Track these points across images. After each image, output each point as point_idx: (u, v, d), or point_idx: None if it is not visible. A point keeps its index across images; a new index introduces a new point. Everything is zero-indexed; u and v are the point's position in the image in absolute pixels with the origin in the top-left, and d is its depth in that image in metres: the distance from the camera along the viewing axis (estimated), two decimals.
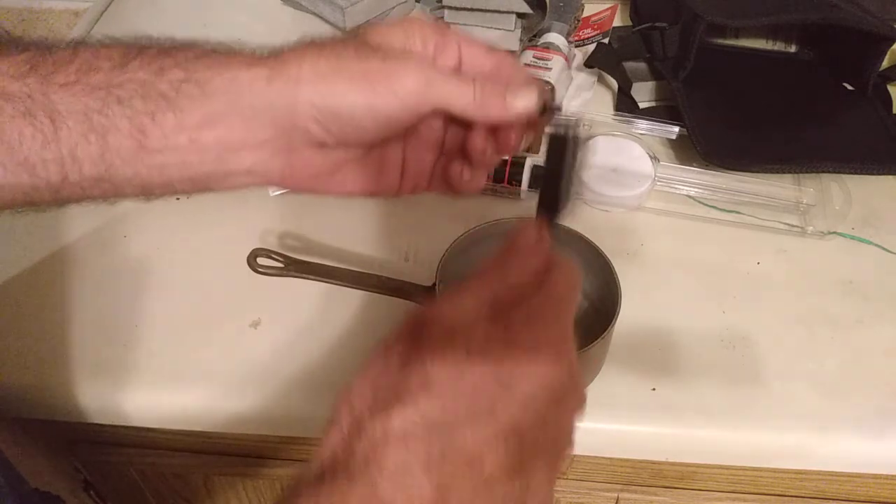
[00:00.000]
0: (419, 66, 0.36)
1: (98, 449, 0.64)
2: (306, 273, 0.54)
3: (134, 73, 0.34)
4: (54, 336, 0.56)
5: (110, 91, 0.33)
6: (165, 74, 0.34)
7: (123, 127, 0.34)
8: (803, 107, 0.75)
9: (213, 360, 0.55)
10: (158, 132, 0.34)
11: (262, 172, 0.37)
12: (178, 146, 0.35)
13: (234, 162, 0.36)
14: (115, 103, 0.33)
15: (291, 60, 0.35)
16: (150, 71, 0.34)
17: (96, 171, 0.34)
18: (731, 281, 0.61)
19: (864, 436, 0.52)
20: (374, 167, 0.40)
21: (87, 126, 0.33)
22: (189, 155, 0.35)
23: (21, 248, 0.62)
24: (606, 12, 0.84)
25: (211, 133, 0.35)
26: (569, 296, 0.33)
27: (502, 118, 0.37)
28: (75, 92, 0.33)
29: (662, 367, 0.54)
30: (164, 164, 0.35)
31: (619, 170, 0.66)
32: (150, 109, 0.34)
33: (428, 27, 0.37)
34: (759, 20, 0.73)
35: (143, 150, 0.34)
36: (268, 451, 0.64)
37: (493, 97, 0.36)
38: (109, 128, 0.33)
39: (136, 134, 0.34)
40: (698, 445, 0.53)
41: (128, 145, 0.34)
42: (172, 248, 0.63)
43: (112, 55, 0.34)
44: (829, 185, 0.68)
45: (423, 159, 0.41)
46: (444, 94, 0.36)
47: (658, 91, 0.77)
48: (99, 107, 0.33)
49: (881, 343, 0.57)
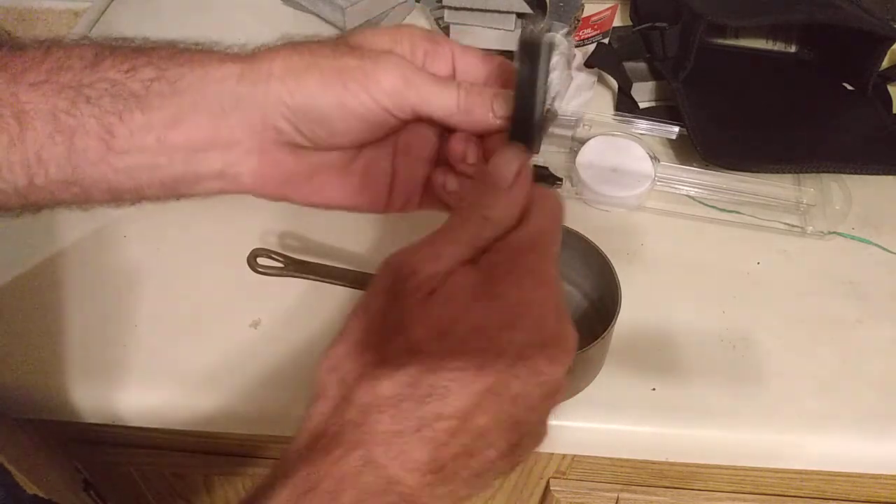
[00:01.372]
0: (398, 64, 0.33)
1: (98, 449, 0.64)
2: (306, 273, 0.54)
3: (105, 72, 0.33)
4: (54, 336, 0.56)
5: (80, 90, 0.33)
6: (137, 73, 0.33)
7: (91, 127, 0.33)
8: (803, 107, 0.74)
9: (213, 360, 0.55)
10: (125, 132, 0.33)
11: (233, 176, 0.36)
12: (145, 146, 0.34)
13: (204, 164, 0.35)
14: (84, 103, 0.32)
15: (265, 58, 0.34)
16: (122, 70, 0.33)
17: (63, 174, 0.33)
18: (731, 281, 0.61)
19: (864, 436, 0.52)
20: (357, 178, 0.38)
21: (54, 126, 0.32)
22: (157, 156, 0.34)
23: (21, 249, 0.62)
24: (606, 12, 0.84)
25: (179, 133, 0.34)
26: (552, 231, 0.31)
27: (488, 127, 0.34)
28: (44, 91, 0.32)
29: (662, 367, 0.54)
30: (132, 166, 0.34)
31: (619, 170, 0.66)
32: (118, 108, 0.33)
33: (419, 33, 0.36)
34: (760, 20, 0.73)
35: (110, 151, 0.33)
36: (268, 451, 0.64)
37: (478, 103, 0.34)
38: (76, 128, 0.33)
39: (104, 134, 0.33)
40: (698, 445, 0.53)
41: (94, 146, 0.33)
42: (172, 248, 0.63)
43: (84, 54, 0.33)
44: (829, 185, 0.68)
45: (414, 174, 0.38)
46: (425, 97, 0.34)
47: (658, 91, 0.77)
48: (67, 107, 0.32)
49: (881, 343, 0.57)
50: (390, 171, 0.38)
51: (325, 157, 0.37)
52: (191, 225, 0.64)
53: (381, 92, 0.33)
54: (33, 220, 0.63)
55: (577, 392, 0.52)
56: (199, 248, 0.62)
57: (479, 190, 0.31)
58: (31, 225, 0.64)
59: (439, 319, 0.28)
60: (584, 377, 0.52)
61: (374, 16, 0.85)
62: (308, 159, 0.36)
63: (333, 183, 0.38)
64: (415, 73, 0.34)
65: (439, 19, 0.83)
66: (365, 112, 0.33)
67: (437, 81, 0.34)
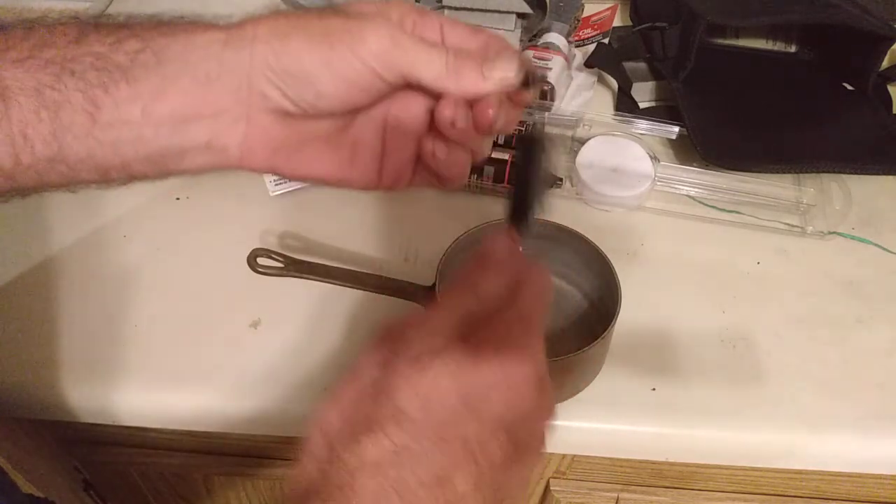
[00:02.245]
0: (385, 26, 0.33)
1: (98, 449, 0.64)
2: (306, 273, 0.54)
3: (90, 46, 0.33)
4: (54, 336, 0.56)
5: (64, 65, 0.32)
6: (122, 45, 0.33)
7: (76, 101, 0.32)
8: (803, 107, 0.75)
9: (213, 361, 0.55)
10: (111, 103, 0.33)
11: (220, 148, 0.35)
12: (130, 118, 0.33)
13: (190, 135, 0.35)
14: (69, 76, 0.32)
15: (249, 23, 0.34)
16: (107, 43, 0.33)
17: (49, 150, 0.33)
18: (731, 281, 0.61)
19: (864, 436, 0.52)
20: (346, 150, 0.37)
21: (39, 102, 0.32)
22: (143, 128, 0.34)
23: (21, 249, 0.62)
24: (606, 12, 0.84)
25: (165, 103, 0.33)
26: (539, 309, 0.33)
27: (478, 91, 0.34)
28: (28, 67, 0.32)
29: (662, 367, 0.54)
30: (118, 139, 0.34)
31: (619, 170, 0.66)
32: (103, 81, 0.32)
33: (407, 6, 0.35)
34: (759, 20, 0.73)
35: (95, 124, 0.33)
36: (268, 451, 0.64)
37: (467, 67, 0.33)
38: (62, 103, 0.32)
39: (89, 107, 0.32)
40: (698, 445, 0.53)
41: (80, 121, 0.33)
42: (172, 248, 0.63)
43: (68, 31, 0.33)
44: (829, 185, 0.68)
45: (404, 148, 0.38)
46: (412, 60, 0.33)
47: (658, 91, 0.77)
48: (51, 82, 0.32)
49: (881, 343, 0.57)
50: (380, 145, 0.38)
51: (314, 126, 0.36)
52: (191, 225, 0.64)
53: (368, 52, 0.32)
54: (33, 221, 0.64)
55: (577, 392, 0.52)
56: (199, 248, 0.62)
57: (474, 270, 0.33)
58: (31, 225, 0.64)
59: (427, 390, 0.29)
60: (584, 377, 0.52)
61: None
62: (296, 127, 0.36)
63: (323, 155, 0.37)
64: (402, 34, 0.33)
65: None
66: (352, 73, 0.33)
67: (425, 45, 0.33)
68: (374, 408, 0.29)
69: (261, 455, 0.64)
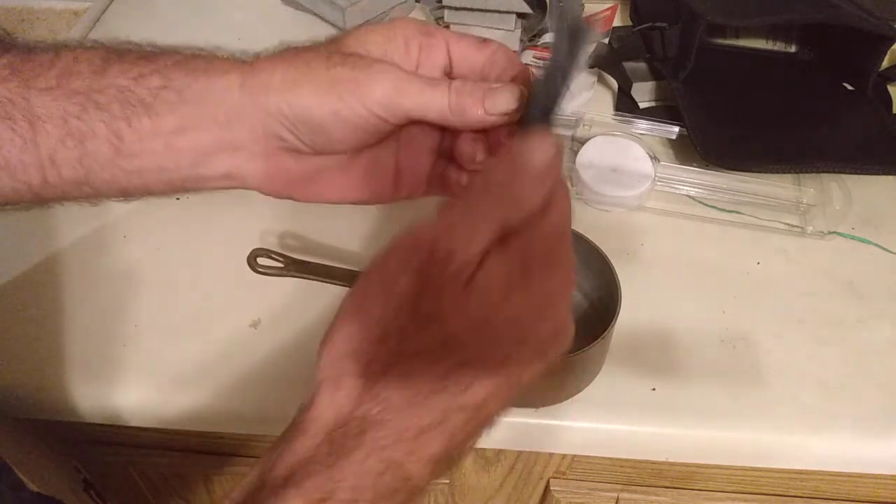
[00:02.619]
0: (388, 74, 0.34)
1: (98, 449, 0.64)
2: (306, 273, 0.54)
3: (114, 78, 0.34)
4: (54, 336, 0.56)
5: (90, 96, 0.34)
6: (145, 81, 0.34)
7: (100, 132, 0.34)
8: (803, 107, 0.74)
9: (213, 360, 0.55)
10: (134, 137, 0.34)
11: (240, 177, 0.37)
12: (153, 150, 0.35)
13: (211, 167, 0.36)
14: (94, 108, 0.34)
15: (264, 68, 0.35)
16: (130, 77, 0.34)
17: (75, 174, 0.35)
18: (731, 281, 0.61)
19: (864, 436, 0.52)
20: (361, 174, 0.39)
21: (65, 131, 0.34)
22: (165, 160, 0.35)
23: (21, 249, 0.62)
24: (606, 12, 0.84)
25: (186, 138, 0.35)
26: (569, 226, 0.32)
27: (482, 124, 0.35)
28: (55, 96, 0.33)
29: (662, 367, 0.54)
30: (141, 168, 0.35)
31: (619, 170, 0.66)
32: (126, 114, 0.34)
33: (413, 27, 0.36)
34: (759, 20, 0.73)
35: (119, 155, 0.35)
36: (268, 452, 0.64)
37: (469, 104, 0.34)
38: (87, 133, 0.34)
39: (113, 139, 0.34)
40: (698, 445, 0.53)
41: (104, 150, 0.34)
42: (172, 248, 0.63)
43: (93, 59, 0.34)
44: (829, 185, 0.68)
45: (419, 164, 0.39)
46: (416, 103, 0.34)
47: (658, 91, 0.77)
48: (77, 112, 0.34)
49: (881, 343, 0.57)
50: (394, 163, 0.39)
51: (328, 160, 0.38)
52: (191, 225, 0.64)
53: (374, 101, 0.34)
54: (33, 221, 0.64)
55: (577, 392, 0.52)
56: (199, 248, 0.62)
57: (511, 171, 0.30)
58: (32, 225, 0.64)
59: (477, 310, 0.28)
60: (584, 377, 0.52)
61: (373, 15, 0.85)
62: (311, 162, 0.37)
63: (337, 181, 0.39)
64: (405, 80, 0.34)
65: (439, 19, 0.83)
66: (359, 121, 0.34)
67: (427, 86, 0.34)
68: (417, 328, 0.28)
69: (260, 455, 0.64)
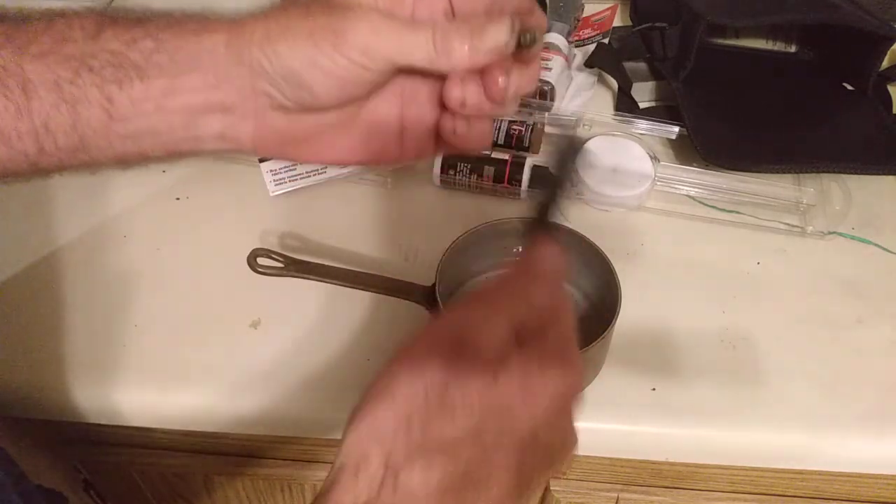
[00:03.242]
0: (366, 18, 0.32)
1: (98, 449, 0.64)
2: (306, 273, 0.54)
3: (107, 42, 0.33)
4: (54, 336, 0.56)
5: (84, 61, 0.33)
6: (137, 44, 0.34)
7: (93, 97, 0.33)
8: (803, 107, 0.74)
9: (213, 360, 0.55)
10: (125, 101, 0.34)
11: (233, 138, 0.36)
12: (145, 113, 0.34)
13: (203, 127, 0.35)
14: (87, 72, 0.33)
15: (248, 24, 0.34)
16: (123, 41, 0.34)
17: (70, 141, 0.34)
18: (731, 281, 0.61)
19: (864, 436, 0.52)
20: (361, 133, 0.37)
21: (59, 96, 0.33)
22: (157, 123, 0.35)
23: (21, 248, 0.62)
24: (606, 12, 0.84)
25: (176, 100, 0.34)
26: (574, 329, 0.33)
27: (473, 65, 0.32)
28: (48, 62, 0.33)
29: (662, 367, 0.54)
30: (135, 132, 0.35)
31: (619, 170, 0.66)
32: (118, 78, 0.33)
33: None
34: (759, 20, 0.73)
35: (112, 119, 0.34)
36: (268, 451, 0.64)
37: (456, 43, 0.32)
38: (80, 98, 0.33)
39: (105, 103, 0.34)
40: (698, 445, 0.53)
41: (97, 115, 0.34)
42: (172, 248, 0.63)
43: (86, 25, 0.34)
44: (829, 185, 0.68)
45: (424, 119, 0.37)
46: (398, 48, 0.32)
47: (658, 91, 0.77)
48: (71, 76, 0.33)
49: (881, 343, 0.57)
50: (398, 120, 0.37)
51: (323, 118, 0.36)
52: (191, 225, 0.64)
53: (352, 48, 0.32)
54: (33, 220, 0.64)
55: None
56: (199, 248, 0.62)
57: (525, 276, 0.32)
58: (31, 225, 0.64)
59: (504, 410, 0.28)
60: (584, 377, 0.52)
61: None
62: (304, 121, 0.36)
63: (336, 141, 0.37)
64: (384, 22, 0.32)
65: None
66: (340, 71, 0.32)
67: (408, 28, 0.32)
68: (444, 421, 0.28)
69: (261, 455, 0.64)
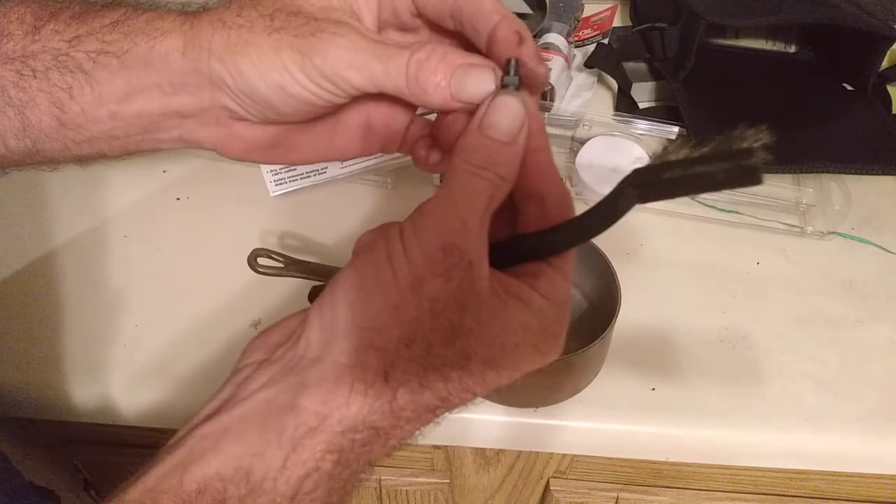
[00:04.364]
0: (335, 42, 0.30)
1: (98, 449, 0.64)
2: (306, 273, 0.54)
3: (48, 40, 0.32)
4: (54, 336, 0.56)
5: (25, 62, 0.32)
6: (81, 44, 0.32)
7: (41, 102, 0.32)
8: (803, 107, 0.74)
9: (213, 360, 0.55)
10: (77, 108, 0.32)
11: (194, 141, 0.35)
12: (99, 120, 0.33)
13: (162, 131, 0.34)
14: (31, 77, 0.32)
15: (205, 29, 0.31)
16: (65, 39, 0.32)
17: (23, 145, 0.33)
18: (731, 281, 0.61)
19: (864, 436, 0.52)
20: (326, 134, 0.36)
21: (4, 100, 0.32)
22: (113, 129, 0.33)
23: (20, 248, 0.62)
24: (606, 12, 0.84)
25: (131, 107, 0.33)
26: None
27: (447, 107, 0.30)
28: None
29: (662, 367, 0.54)
30: (91, 138, 0.33)
31: (619, 170, 0.66)
32: (67, 83, 0.32)
33: None
34: (759, 20, 0.73)
35: (64, 126, 0.33)
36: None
37: (431, 83, 0.29)
38: (27, 102, 0.32)
39: (55, 111, 0.32)
40: (698, 445, 0.53)
41: (48, 121, 0.32)
42: (172, 248, 0.63)
43: (24, 18, 0.32)
44: (829, 185, 0.68)
45: (394, 120, 0.35)
46: (370, 76, 0.30)
47: (658, 91, 0.77)
48: (15, 79, 0.32)
49: (881, 343, 0.57)
50: (364, 118, 0.36)
51: (286, 127, 0.35)
52: (191, 225, 0.64)
53: (320, 75, 0.30)
54: (33, 220, 0.64)
55: (577, 392, 0.52)
56: (199, 248, 0.62)
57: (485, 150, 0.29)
58: (31, 225, 0.64)
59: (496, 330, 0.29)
60: (583, 377, 0.52)
61: None
62: (267, 131, 0.34)
63: (301, 144, 0.36)
64: (354, 48, 0.30)
65: None
66: (307, 95, 0.31)
67: (382, 57, 0.30)
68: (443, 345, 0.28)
69: None
